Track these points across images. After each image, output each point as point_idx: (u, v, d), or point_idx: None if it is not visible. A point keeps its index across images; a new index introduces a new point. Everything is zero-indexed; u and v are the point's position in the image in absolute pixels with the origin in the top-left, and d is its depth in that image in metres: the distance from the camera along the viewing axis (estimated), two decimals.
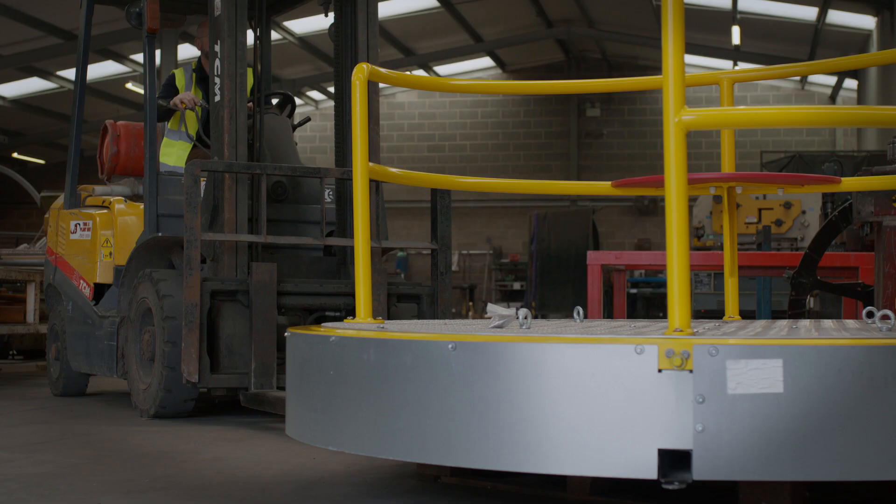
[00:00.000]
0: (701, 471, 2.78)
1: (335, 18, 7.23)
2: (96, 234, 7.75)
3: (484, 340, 2.99)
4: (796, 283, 7.05)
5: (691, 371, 2.78)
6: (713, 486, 3.43)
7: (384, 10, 23.31)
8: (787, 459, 2.76)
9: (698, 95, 27.97)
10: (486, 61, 28.86)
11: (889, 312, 3.38)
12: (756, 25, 23.23)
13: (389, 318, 6.78)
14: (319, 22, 21.49)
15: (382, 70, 4.05)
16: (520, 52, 28.40)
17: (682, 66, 2.94)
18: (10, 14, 19.38)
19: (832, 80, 26.17)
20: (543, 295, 23.54)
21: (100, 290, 7.74)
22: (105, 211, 7.83)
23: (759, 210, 13.91)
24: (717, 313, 14.15)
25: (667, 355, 2.79)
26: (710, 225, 14.50)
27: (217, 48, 6.80)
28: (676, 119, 2.93)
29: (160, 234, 7.01)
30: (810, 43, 23.30)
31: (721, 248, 14.13)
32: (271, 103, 7.68)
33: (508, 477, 3.89)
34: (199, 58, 7.96)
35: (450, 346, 3.01)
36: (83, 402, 7.62)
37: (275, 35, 22.48)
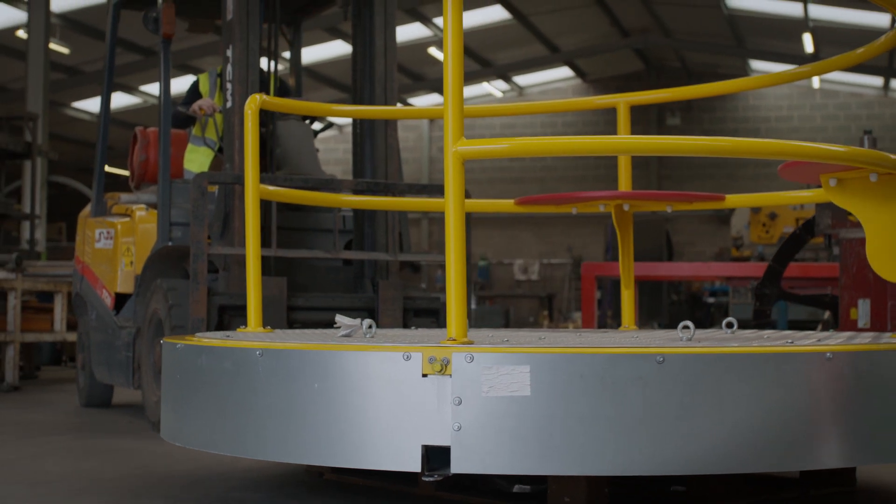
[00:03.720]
0: (458, 465, 3.09)
1: (353, 24, 7.21)
2: (118, 242, 7.62)
3: (284, 348, 3.33)
4: (760, 294, 7.21)
5: (450, 376, 3.09)
6: (532, 480, 3.70)
7: None
8: (535, 455, 3.05)
9: (781, 103, 27.91)
10: (566, 71, 29.00)
11: (689, 323, 3.64)
12: (830, 33, 23.14)
13: None
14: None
15: (267, 97, 4.41)
16: (599, 62, 28.48)
17: (460, 98, 3.24)
18: (91, 33, 20.37)
19: None
20: (618, 304, 23.73)
21: (122, 299, 7.63)
22: (127, 219, 7.67)
23: (797, 220, 13.95)
24: (745, 322, 14.16)
25: (430, 361, 3.11)
26: (748, 235, 14.57)
27: (229, 53, 6.77)
28: (454, 149, 3.24)
29: (170, 244, 6.96)
30: (889, 50, 23.11)
31: (759, 258, 14.23)
32: None
33: (380, 475, 4.20)
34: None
35: (258, 352, 3.36)
36: (100, 413, 7.63)
37: (347, 47, 22.99)
